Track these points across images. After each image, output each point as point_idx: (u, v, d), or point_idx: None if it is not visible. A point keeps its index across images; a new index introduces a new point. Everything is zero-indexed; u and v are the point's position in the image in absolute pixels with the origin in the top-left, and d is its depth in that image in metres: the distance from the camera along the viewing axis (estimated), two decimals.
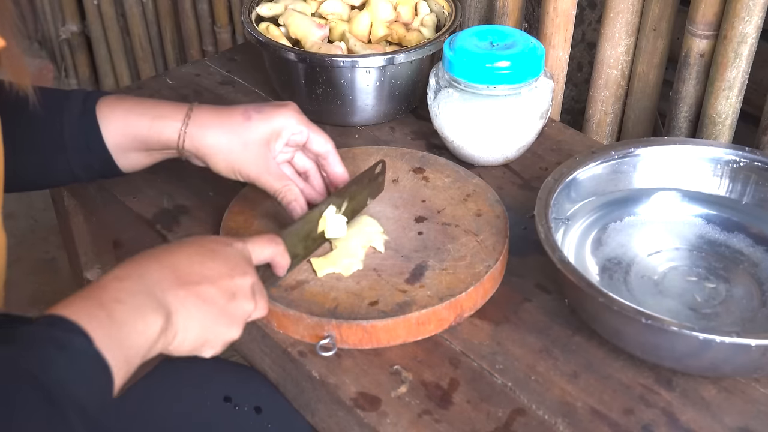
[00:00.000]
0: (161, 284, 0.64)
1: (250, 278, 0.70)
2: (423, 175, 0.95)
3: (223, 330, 0.68)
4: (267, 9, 1.12)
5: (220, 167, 0.85)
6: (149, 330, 0.62)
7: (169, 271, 0.66)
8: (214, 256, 0.69)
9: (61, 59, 2.29)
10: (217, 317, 0.67)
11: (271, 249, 0.75)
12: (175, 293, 0.65)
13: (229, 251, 0.70)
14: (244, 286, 0.69)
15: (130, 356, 0.60)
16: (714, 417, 0.72)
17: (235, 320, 0.69)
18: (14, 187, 0.90)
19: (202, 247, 0.70)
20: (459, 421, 0.71)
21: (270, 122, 0.84)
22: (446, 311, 0.79)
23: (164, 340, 0.63)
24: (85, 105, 0.84)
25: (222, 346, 0.69)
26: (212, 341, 0.68)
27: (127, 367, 0.60)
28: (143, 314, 0.62)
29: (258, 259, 0.74)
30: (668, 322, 0.69)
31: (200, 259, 0.68)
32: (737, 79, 0.99)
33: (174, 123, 0.83)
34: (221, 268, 0.68)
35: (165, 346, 0.64)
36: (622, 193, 0.91)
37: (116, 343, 0.59)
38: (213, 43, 1.93)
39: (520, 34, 0.97)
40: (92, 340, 0.58)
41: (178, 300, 0.65)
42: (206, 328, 0.66)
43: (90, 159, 0.85)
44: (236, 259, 0.70)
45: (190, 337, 0.66)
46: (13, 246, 1.91)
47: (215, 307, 0.67)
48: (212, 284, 0.67)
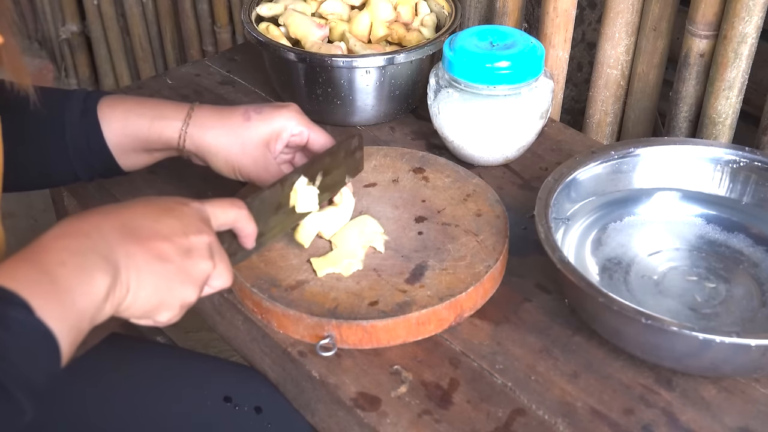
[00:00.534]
0: (108, 239, 0.60)
1: (206, 237, 0.65)
2: (423, 175, 0.95)
3: (179, 289, 0.63)
4: (267, 9, 1.12)
5: (221, 167, 0.85)
6: (95, 291, 0.57)
7: (117, 226, 0.61)
8: (167, 214, 0.64)
9: (61, 59, 2.29)
10: (171, 275, 0.62)
11: (234, 212, 0.71)
12: (124, 248, 0.60)
13: (184, 210, 0.66)
14: (200, 244, 0.65)
15: (78, 321, 0.56)
16: (714, 417, 0.72)
17: (191, 279, 0.64)
18: (15, 186, 0.90)
19: (155, 205, 0.65)
20: (459, 421, 0.71)
21: (270, 123, 0.84)
22: (446, 311, 0.79)
23: (114, 300, 0.59)
24: (86, 105, 0.84)
25: (179, 309, 0.64)
26: (167, 302, 0.63)
27: (75, 333, 0.56)
28: (89, 275, 0.57)
29: (218, 222, 0.69)
30: (668, 322, 0.69)
31: (153, 215, 0.64)
32: (737, 79, 0.99)
33: (174, 123, 0.83)
34: (175, 225, 0.64)
35: (115, 307, 0.60)
36: (622, 193, 0.91)
37: (60, 310, 0.55)
38: (213, 43, 1.93)
39: (520, 34, 0.97)
40: (33, 309, 0.54)
41: (128, 255, 0.60)
42: (160, 286, 0.62)
43: (91, 158, 0.85)
44: (192, 218, 0.66)
45: (143, 297, 0.61)
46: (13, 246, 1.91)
47: (169, 264, 0.62)
48: (165, 240, 0.62)
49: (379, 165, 0.96)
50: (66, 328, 0.56)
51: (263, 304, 0.79)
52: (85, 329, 0.58)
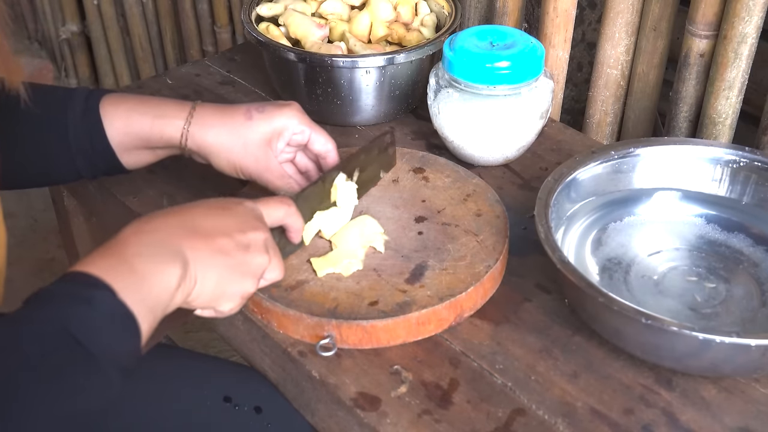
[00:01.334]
0: (177, 236, 0.65)
1: (262, 233, 0.71)
2: (423, 175, 0.95)
3: (239, 281, 0.69)
4: (267, 9, 1.12)
5: (223, 165, 0.85)
6: (169, 280, 0.63)
7: (183, 225, 0.67)
8: (226, 213, 0.70)
9: (61, 59, 2.29)
10: (233, 268, 0.68)
11: (283, 210, 0.76)
12: (190, 244, 0.66)
13: (240, 209, 0.71)
14: (257, 240, 0.70)
15: (153, 306, 0.62)
16: (714, 417, 0.72)
17: (249, 272, 0.69)
18: (18, 184, 0.91)
19: (215, 205, 0.71)
20: (459, 421, 0.71)
21: (271, 122, 0.84)
22: (446, 311, 0.79)
23: (183, 290, 0.64)
24: (89, 103, 0.84)
25: (240, 300, 0.70)
26: (229, 293, 0.68)
27: (151, 317, 0.61)
28: (162, 265, 0.63)
29: (270, 219, 0.74)
30: (668, 322, 0.69)
31: (213, 214, 0.69)
32: (737, 79, 0.99)
33: (176, 122, 0.84)
34: (234, 223, 0.69)
35: (184, 297, 0.65)
36: (622, 193, 0.91)
37: (138, 294, 0.60)
38: (213, 43, 1.93)
39: (520, 34, 0.97)
40: (115, 292, 0.59)
41: (194, 251, 0.66)
42: (222, 278, 0.67)
43: (94, 157, 0.85)
44: (247, 216, 0.71)
45: (208, 288, 0.66)
46: (13, 246, 1.91)
47: (230, 258, 0.67)
48: (226, 236, 0.68)
49: None
50: (144, 311, 0.61)
51: (263, 304, 0.79)
52: (158, 316, 0.63)
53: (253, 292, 0.70)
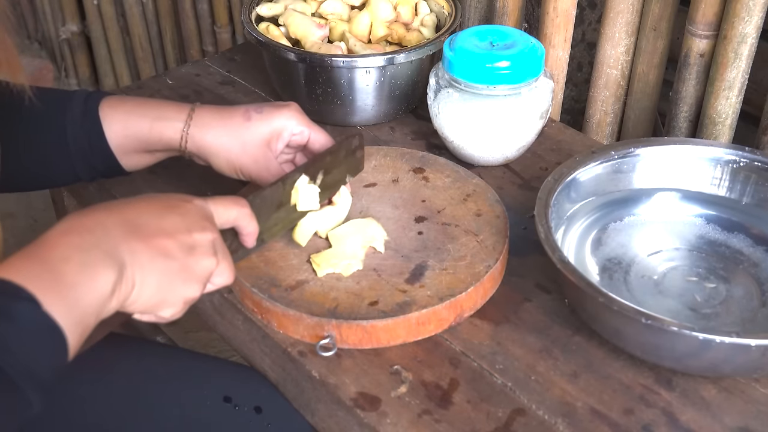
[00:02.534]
0: (113, 236, 0.60)
1: (210, 234, 0.66)
2: (423, 175, 0.95)
3: (182, 286, 0.64)
4: (267, 9, 1.12)
5: (222, 167, 0.85)
6: (101, 287, 0.58)
7: (121, 223, 0.61)
8: (171, 211, 0.65)
9: (61, 59, 2.29)
10: (175, 272, 0.63)
11: (236, 210, 0.71)
12: (128, 245, 0.60)
13: (188, 207, 0.66)
14: (203, 241, 0.65)
15: (84, 316, 0.57)
16: (714, 417, 0.72)
17: (194, 276, 0.64)
18: (17, 187, 0.91)
19: (159, 202, 0.66)
20: (459, 421, 0.71)
21: (270, 122, 0.84)
22: (446, 311, 0.79)
23: (119, 295, 0.60)
24: (87, 105, 0.84)
25: (182, 305, 0.65)
26: (170, 298, 0.64)
27: (81, 328, 0.57)
28: (94, 270, 0.58)
29: (221, 220, 0.70)
30: (668, 322, 0.69)
31: (156, 212, 0.64)
32: (737, 79, 0.99)
33: (176, 124, 0.83)
34: (179, 222, 0.64)
35: (120, 302, 0.60)
36: (622, 193, 0.91)
37: (66, 304, 0.56)
38: (213, 43, 1.93)
39: (520, 34, 0.97)
40: (40, 303, 0.54)
41: (133, 252, 0.60)
42: (164, 283, 0.62)
43: (93, 159, 0.85)
44: (195, 215, 0.66)
45: (147, 293, 0.62)
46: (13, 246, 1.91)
47: (173, 261, 0.63)
48: (169, 237, 0.63)
49: (379, 165, 0.96)
50: (72, 323, 0.56)
51: (263, 304, 0.79)
52: (90, 324, 0.58)
53: (197, 297, 0.66)
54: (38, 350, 0.55)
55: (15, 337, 0.53)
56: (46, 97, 0.85)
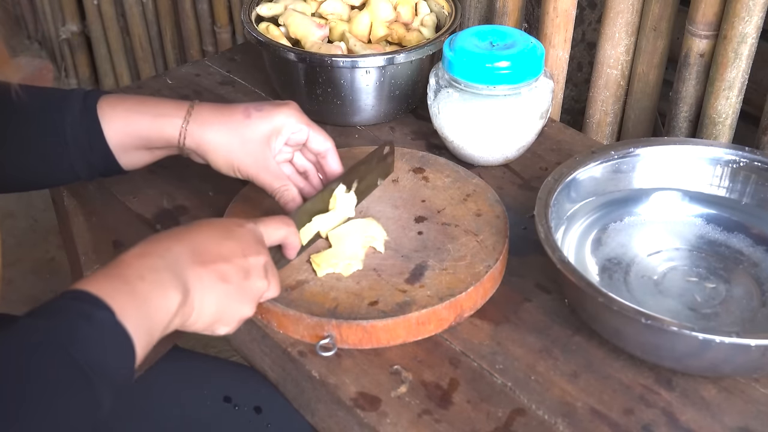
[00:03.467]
0: (181, 262, 0.66)
1: (263, 257, 0.72)
2: (423, 175, 0.95)
3: (237, 307, 0.70)
4: (267, 9, 1.12)
5: (220, 164, 0.85)
6: (169, 305, 0.64)
7: (188, 250, 0.68)
8: (228, 236, 0.71)
9: (61, 59, 2.30)
10: (232, 294, 0.69)
11: (284, 230, 0.77)
12: (193, 271, 0.67)
13: (242, 232, 0.72)
14: (257, 265, 0.71)
15: (151, 330, 0.62)
16: (714, 417, 0.72)
17: (248, 298, 0.70)
18: (16, 187, 0.91)
19: (218, 228, 0.72)
20: (459, 421, 0.71)
21: (270, 120, 0.84)
22: (446, 311, 0.79)
23: (182, 315, 0.65)
24: (86, 104, 0.84)
25: (236, 323, 0.71)
26: (226, 318, 0.69)
27: (148, 339, 0.62)
28: (164, 290, 0.64)
29: (270, 239, 0.75)
30: (668, 322, 0.69)
31: (216, 238, 0.70)
32: (737, 79, 0.99)
33: (175, 120, 0.83)
34: (236, 248, 0.70)
35: (182, 322, 0.66)
36: (622, 193, 0.91)
37: (137, 317, 0.61)
38: (213, 43, 1.93)
39: (520, 34, 0.97)
40: (115, 312, 0.60)
41: (197, 277, 0.67)
42: (221, 304, 0.68)
43: (92, 157, 0.85)
44: (249, 239, 0.72)
45: (206, 314, 0.68)
46: (13, 246, 1.92)
47: (230, 285, 0.68)
48: (228, 262, 0.69)
49: None
50: (141, 334, 0.61)
51: (263, 304, 0.79)
52: (155, 339, 0.64)
53: (251, 315, 0.72)
54: (112, 353, 0.60)
55: (93, 339, 0.59)
56: (44, 97, 0.85)
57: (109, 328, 0.60)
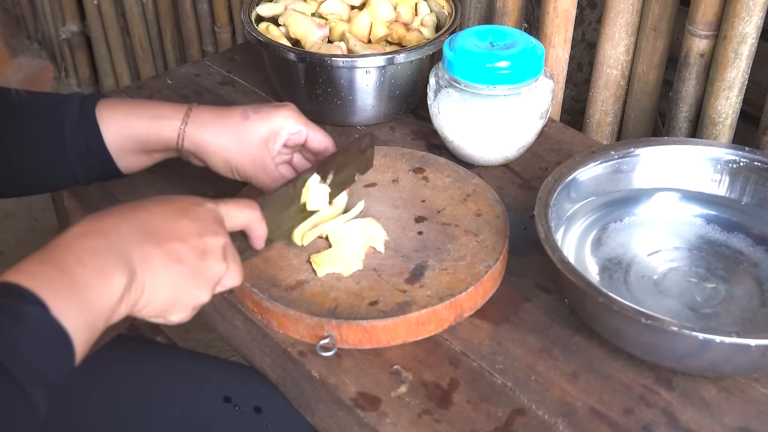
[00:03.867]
0: (126, 241, 0.61)
1: (221, 238, 0.67)
2: (423, 175, 0.95)
3: (192, 291, 0.65)
4: (267, 9, 1.12)
5: (219, 166, 0.85)
6: (112, 291, 0.59)
7: (135, 227, 0.62)
8: (183, 214, 0.66)
9: (61, 59, 2.30)
10: (186, 276, 0.64)
11: (247, 213, 0.72)
12: (141, 250, 0.61)
13: (199, 210, 0.67)
14: (214, 246, 0.66)
15: (92, 320, 0.58)
16: (714, 417, 0.72)
17: (204, 281, 0.65)
18: (15, 192, 0.91)
19: (172, 205, 0.66)
20: (459, 421, 0.71)
21: (268, 122, 0.84)
22: (446, 311, 0.79)
23: (129, 300, 0.60)
24: (84, 107, 0.84)
25: (191, 310, 0.66)
26: (180, 303, 0.64)
27: (89, 331, 0.57)
28: (106, 275, 0.59)
29: (232, 223, 0.71)
30: (668, 322, 0.69)
31: (169, 216, 0.65)
32: (737, 79, 0.99)
33: (173, 122, 0.83)
34: (191, 227, 0.65)
35: (130, 307, 0.61)
36: (622, 193, 0.91)
37: (76, 309, 0.56)
38: (213, 43, 1.93)
39: (520, 34, 0.97)
40: (48, 307, 0.55)
41: (144, 257, 0.61)
42: (174, 287, 0.63)
43: (90, 161, 0.85)
44: (207, 219, 0.67)
45: (158, 298, 0.63)
46: (14, 246, 1.92)
47: (184, 266, 0.63)
48: (181, 241, 0.64)
49: (379, 165, 0.96)
50: (81, 327, 0.57)
51: (263, 304, 0.79)
52: (100, 328, 0.59)
53: (207, 302, 0.67)
54: (45, 353, 0.55)
55: (22, 339, 0.54)
56: (42, 101, 0.85)
57: (42, 326, 0.54)
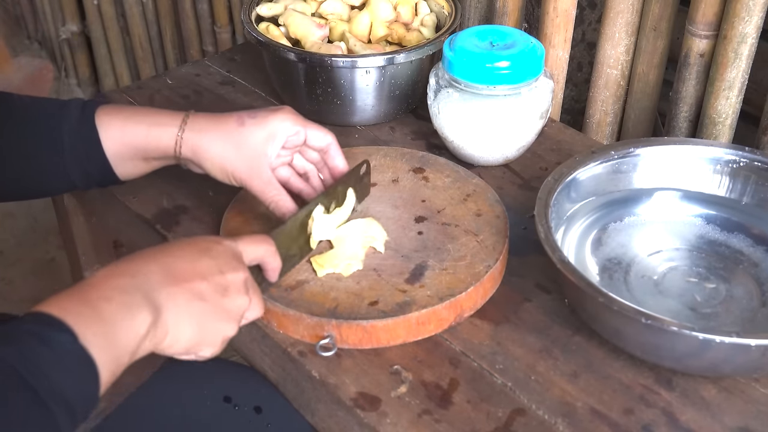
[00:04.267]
0: (152, 282, 0.64)
1: (242, 273, 0.70)
2: (423, 175, 0.95)
3: (218, 326, 0.67)
4: (267, 9, 1.12)
5: (216, 172, 0.85)
6: (137, 327, 0.61)
7: (160, 269, 0.65)
8: (204, 254, 0.69)
9: (61, 59, 2.30)
10: (211, 314, 0.66)
11: (263, 248, 0.75)
12: (166, 290, 0.64)
13: (219, 249, 0.70)
14: (236, 281, 0.69)
15: (118, 354, 0.60)
16: (714, 417, 0.72)
17: (229, 316, 0.68)
18: (12, 196, 0.91)
19: (193, 246, 0.69)
20: (459, 421, 0.71)
21: (264, 127, 0.84)
22: (446, 311, 0.79)
23: (153, 338, 0.63)
24: (84, 114, 0.84)
25: (221, 344, 0.68)
26: (208, 339, 0.67)
27: (114, 365, 0.60)
28: (131, 312, 0.61)
29: (249, 257, 0.74)
30: (668, 322, 0.69)
31: (191, 257, 0.68)
32: (737, 79, 0.99)
33: (171, 129, 0.84)
34: (212, 265, 0.68)
35: (155, 345, 0.64)
36: (622, 193, 0.91)
37: (102, 341, 0.59)
38: (213, 43, 1.93)
39: (520, 34, 0.97)
40: (77, 336, 0.57)
41: (169, 297, 0.64)
42: (200, 325, 0.66)
43: (89, 167, 0.85)
44: (226, 256, 0.70)
45: (184, 335, 0.65)
46: (13, 246, 1.92)
47: (208, 304, 0.66)
48: (204, 280, 0.66)
49: (379, 165, 0.96)
50: (107, 359, 0.59)
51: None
52: (124, 363, 0.61)
53: (234, 334, 0.69)
54: (71, 377, 0.57)
55: (51, 362, 0.56)
56: (41, 107, 0.85)
57: (70, 352, 0.57)
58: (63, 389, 0.56)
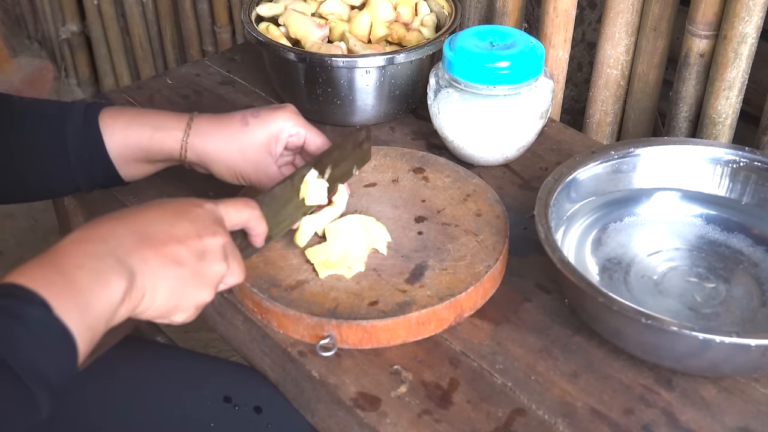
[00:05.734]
0: (125, 245, 0.61)
1: (221, 238, 0.67)
2: (423, 175, 0.95)
3: (194, 292, 0.65)
4: (267, 9, 1.12)
5: (223, 174, 0.85)
6: (112, 294, 0.59)
7: (133, 232, 0.63)
8: (182, 217, 0.66)
9: (61, 59, 2.30)
10: (186, 278, 0.64)
11: (246, 212, 0.72)
12: (140, 254, 0.62)
13: (198, 212, 0.67)
14: (214, 247, 0.66)
15: (93, 323, 0.58)
16: (714, 417, 0.72)
17: (205, 281, 0.66)
18: (16, 198, 0.91)
19: (170, 208, 0.67)
20: (459, 421, 0.71)
21: (268, 126, 0.84)
22: (446, 311, 0.79)
23: (129, 304, 0.61)
24: (87, 116, 0.84)
25: (194, 310, 0.66)
26: (183, 304, 0.65)
27: (90, 334, 0.58)
28: (105, 278, 0.59)
29: (231, 222, 0.71)
30: (668, 322, 0.69)
31: (167, 219, 0.65)
32: (737, 79, 0.99)
33: (175, 133, 0.84)
34: (189, 228, 0.65)
35: (131, 310, 0.62)
36: (622, 193, 0.91)
37: (77, 310, 0.57)
38: (213, 43, 1.93)
39: (520, 34, 0.97)
40: (51, 308, 0.55)
41: (144, 261, 0.62)
42: (175, 289, 0.64)
43: (93, 169, 0.85)
44: (206, 220, 0.67)
45: (159, 300, 0.63)
46: (13, 246, 1.92)
47: (184, 268, 0.64)
48: (180, 244, 0.64)
49: (379, 165, 0.96)
50: (82, 328, 0.57)
51: (263, 304, 0.79)
52: (100, 331, 0.59)
53: (209, 301, 0.67)
54: (48, 353, 0.55)
55: (26, 339, 0.54)
56: (45, 108, 0.85)
57: (45, 326, 0.55)
58: (40, 366, 0.54)
